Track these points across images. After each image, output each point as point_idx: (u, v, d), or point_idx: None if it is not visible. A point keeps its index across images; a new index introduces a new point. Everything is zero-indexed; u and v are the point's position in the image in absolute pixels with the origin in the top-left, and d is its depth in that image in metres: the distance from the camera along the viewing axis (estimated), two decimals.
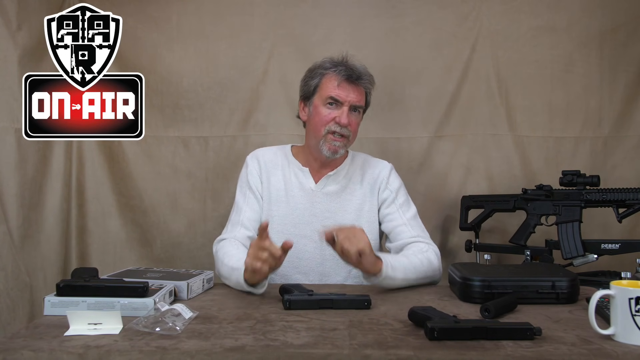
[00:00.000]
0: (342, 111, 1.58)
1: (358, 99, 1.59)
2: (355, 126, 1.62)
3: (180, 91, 2.07)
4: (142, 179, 2.08)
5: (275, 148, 1.75)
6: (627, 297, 0.97)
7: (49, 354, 0.94)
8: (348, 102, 1.58)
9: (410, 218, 1.64)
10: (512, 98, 2.09)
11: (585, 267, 1.81)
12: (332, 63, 1.61)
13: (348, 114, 1.58)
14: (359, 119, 1.63)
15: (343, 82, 1.58)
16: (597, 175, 1.79)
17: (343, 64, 1.60)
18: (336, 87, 1.58)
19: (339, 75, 1.58)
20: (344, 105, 1.58)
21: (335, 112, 1.58)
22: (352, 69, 1.59)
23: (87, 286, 1.18)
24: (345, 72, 1.58)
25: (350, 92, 1.58)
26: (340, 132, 1.58)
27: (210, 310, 1.21)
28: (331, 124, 1.58)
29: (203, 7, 2.07)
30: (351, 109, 1.59)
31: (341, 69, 1.59)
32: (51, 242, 1.95)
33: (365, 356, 0.94)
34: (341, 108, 1.58)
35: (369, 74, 1.62)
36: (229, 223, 1.64)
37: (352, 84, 1.59)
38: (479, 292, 1.28)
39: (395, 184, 1.69)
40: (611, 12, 2.05)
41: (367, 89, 1.63)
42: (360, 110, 1.63)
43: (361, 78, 1.59)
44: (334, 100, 1.58)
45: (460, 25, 2.08)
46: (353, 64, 1.61)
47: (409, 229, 1.61)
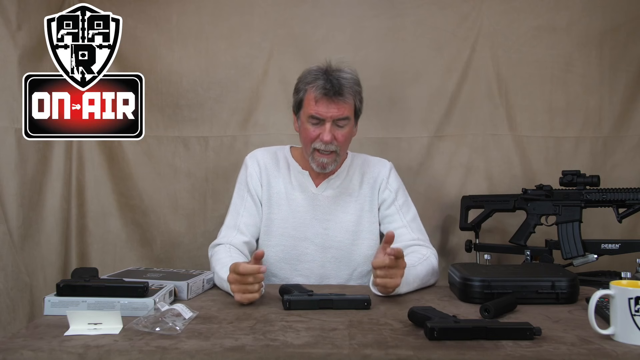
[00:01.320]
0: (324, 128, 1.53)
1: (340, 112, 1.53)
2: (342, 138, 1.55)
3: (180, 91, 2.07)
4: (142, 179, 2.08)
5: (275, 149, 1.73)
6: (626, 297, 0.97)
7: (49, 354, 0.94)
8: (329, 117, 1.52)
9: (410, 220, 1.63)
10: (512, 98, 2.08)
11: (585, 267, 1.81)
12: (313, 75, 1.55)
13: (331, 129, 1.53)
14: (347, 130, 1.56)
15: (322, 99, 1.52)
16: (597, 175, 1.79)
17: (322, 76, 1.53)
18: (315, 105, 1.53)
19: (316, 91, 1.52)
20: (326, 122, 1.53)
21: (319, 129, 1.54)
22: (332, 82, 1.52)
23: (87, 286, 1.18)
24: (323, 89, 1.51)
25: (331, 107, 1.52)
26: (325, 149, 1.55)
27: (210, 310, 1.22)
28: (316, 142, 1.55)
29: (203, 7, 2.07)
30: (335, 124, 1.54)
31: (319, 84, 1.52)
32: (51, 242, 1.95)
33: (365, 356, 0.94)
34: (324, 125, 1.53)
35: (352, 82, 1.54)
36: (224, 226, 1.62)
37: (332, 100, 1.52)
38: (479, 292, 1.28)
39: (395, 184, 1.67)
40: (611, 12, 2.05)
41: (352, 97, 1.55)
42: (346, 122, 1.56)
43: (340, 93, 1.52)
44: (316, 118, 1.54)
45: (460, 25, 2.08)
46: (334, 75, 1.53)
47: (409, 232, 1.60)
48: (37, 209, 1.91)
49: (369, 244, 1.63)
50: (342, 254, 1.61)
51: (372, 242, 1.63)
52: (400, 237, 1.57)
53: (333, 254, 1.60)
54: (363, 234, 1.63)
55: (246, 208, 1.63)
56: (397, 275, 1.30)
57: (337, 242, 1.61)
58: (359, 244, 1.62)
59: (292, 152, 1.72)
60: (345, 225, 1.62)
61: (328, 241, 1.61)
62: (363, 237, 1.63)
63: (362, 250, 1.62)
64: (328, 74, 1.54)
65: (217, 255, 1.51)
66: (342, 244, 1.61)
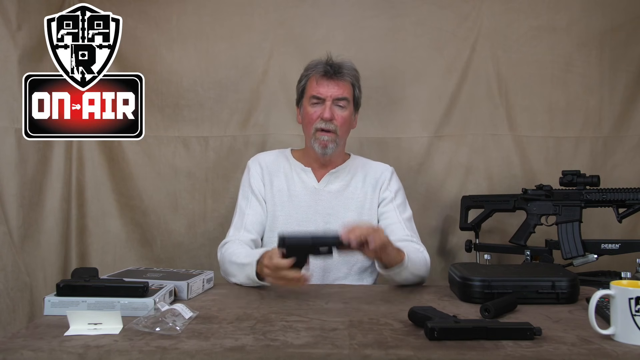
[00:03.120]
0: (325, 106, 1.62)
1: (340, 92, 1.63)
2: (341, 120, 1.64)
3: (180, 91, 2.07)
4: (142, 179, 2.08)
5: (276, 152, 1.78)
6: (627, 297, 0.97)
7: (49, 354, 0.94)
8: (329, 96, 1.62)
9: (406, 219, 1.66)
10: (512, 98, 2.09)
11: (585, 267, 1.81)
12: (313, 63, 1.68)
13: (331, 108, 1.62)
14: (346, 112, 1.65)
15: (322, 79, 1.64)
16: (597, 175, 1.79)
17: (322, 62, 1.66)
18: (316, 86, 1.64)
19: (317, 73, 1.65)
20: (326, 101, 1.62)
21: (320, 109, 1.63)
22: (331, 65, 1.64)
23: (87, 286, 1.18)
24: (323, 69, 1.64)
25: (331, 87, 1.63)
26: (325, 128, 1.62)
27: (210, 310, 1.22)
28: (317, 122, 1.63)
29: (203, 7, 2.07)
30: (335, 104, 1.63)
31: (319, 67, 1.65)
32: (51, 242, 1.95)
33: (365, 356, 0.94)
34: (324, 104, 1.63)
35: (350, 67, 1.67)
36: (231, 227, 1.65)
37: (332, 79, 1.63)
38: (479, 292, 1.28)
39: (395, 186, 1.71)
40: (611, 12, 2.05)
41: (351, 80, 1.66)
42: (345, 103, 1.65)
43: (340, 72, 1.64)
44: (317, 98, 1.64)
45: (460, 25, 2.08)
46: (333, 61, 1.66)
47: (403, 228, 1.62)
48: (37, 209, 1.91)
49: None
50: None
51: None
52: (394, 233, 1.59)
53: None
54: None
55: (252, 207, 1.66)
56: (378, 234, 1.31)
57: None
58: None
59: (293, 153, 1.76)
60: (347, 221, 1.62)
61: None
62: None
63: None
64: (328, 61, 1.67)
65: (229, 249, 1.54)
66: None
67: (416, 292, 1.43)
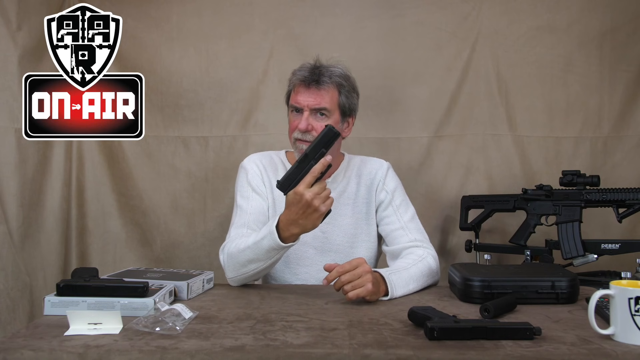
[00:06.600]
0: (302, 117, 1.53)
1: (317, 101, 1.52)
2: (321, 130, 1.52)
3: (180, 91, 2.07)
4: (142, 179, 2.08)
5: (270, 153, 1.70)
6: (626, 297, 0.97)
7: (49, 354, 0.94)
8: (306, 106, 1.52)
9: (408, 220, 1.60)
10: (512, 98, 2.09)
11: (585, 267, 1.81)
12: (298, 68, 1.58)
13: (308, 118, 1.52)
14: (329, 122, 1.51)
15: (300, 87, 1.54)
16: (597, 175, 1.79)
17: (306, 67, 1.56)
18: (295, 94, 1.55)
19: (297, 81, 1.55)
20: (304, 110, 1.53)
21: (298, 119, 1.54)
22: (311, 71, 1.54)
23: (87, 286, 1.18)
24: (302, 78, 1.53)
25: (308, 96, 1.53)
26: (302, 138, 1.53)
27: (210, 310, 1.22)
28: (296, 132, 1.54)
29: (203, 7, 2.07)
30: (314, 113, 1.53)
31: (300, 74, 1.55)
32: (51, 242, 1.95)
33: (365, 356, 0.94)
34: (303, 114, 1.54)
35: (336, 73, 1.55)
36: (232, 227, 1.56)
37: (309, 88, 1.53)
38: (479, 292, 1.28)
39: (391, 184, 1.64)
40: (611, 12, 2.05)
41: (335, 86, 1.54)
42: (326, 114, 1.54)
43: (319, 80, 1.52)
44: (295, 107, 1.55)
45: (460, 25, 2.08)
46: (319, 68, 1.55)
47: (406, 233, 1.57)
48: (37, 209, 1.91)
49: (367, 246, 1.62)
50: (340, 257, 1.58)
51: (371, 244, 1.63)
52: (398, 239, 1.57)
53: (332, 257, 1.58)
54: (361, 237, 1.62)
55: (252, 205, 1.57)
56: (364, 281, 1.27)
57: (336, 245, 1.60)
58: (358, 247, 1.61)
59: (287, 156, 1.69)
60: (344, 229, 1.61)
61: (327, 245, 1.60)
62: (361, 240, 1.62)
63: (360, 254, 1.59)
64: (314, 67, 1.56)
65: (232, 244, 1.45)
66: (341, 247, 1.60)
67: (416, 292, 1.43)
